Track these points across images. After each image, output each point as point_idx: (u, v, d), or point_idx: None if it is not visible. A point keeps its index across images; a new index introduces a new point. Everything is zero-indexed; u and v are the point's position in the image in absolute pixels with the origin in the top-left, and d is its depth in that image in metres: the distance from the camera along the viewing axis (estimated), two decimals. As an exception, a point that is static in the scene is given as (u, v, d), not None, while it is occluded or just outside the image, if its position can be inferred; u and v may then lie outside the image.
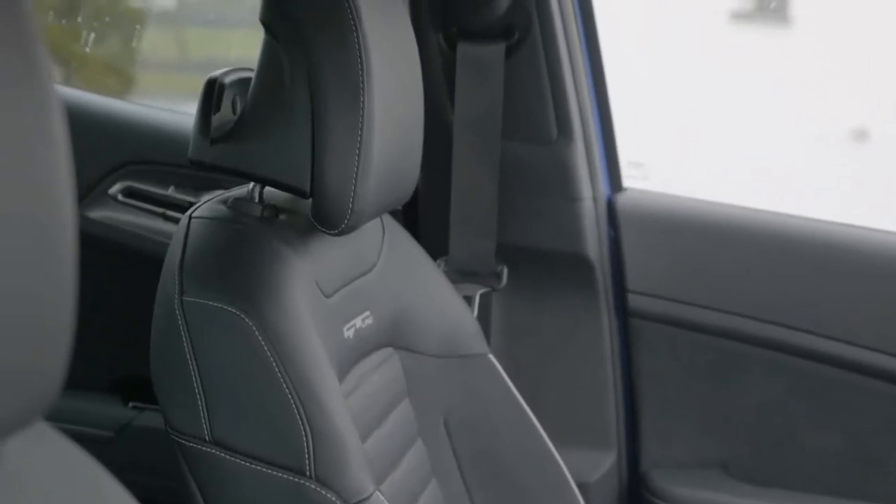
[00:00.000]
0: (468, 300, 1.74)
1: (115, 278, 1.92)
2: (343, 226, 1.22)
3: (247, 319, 1.15)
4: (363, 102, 1.18)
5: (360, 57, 1.18)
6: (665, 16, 2.62)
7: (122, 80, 3.00)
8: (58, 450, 0.63)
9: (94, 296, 1.97)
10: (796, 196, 1.90)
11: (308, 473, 1.14)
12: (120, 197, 1.95)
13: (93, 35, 3.42)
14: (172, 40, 3.15)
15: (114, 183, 1.96)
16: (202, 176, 1.81)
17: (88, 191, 1.95)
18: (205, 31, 3.24)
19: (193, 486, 1.19)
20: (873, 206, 2.01)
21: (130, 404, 1.97)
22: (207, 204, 1.29)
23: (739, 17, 3.00)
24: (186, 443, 1.18)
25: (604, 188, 1.86)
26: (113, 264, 1.94)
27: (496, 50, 1.72)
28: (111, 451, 1.90)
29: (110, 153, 1.96)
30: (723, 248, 1.84)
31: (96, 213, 1.96)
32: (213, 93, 1.27)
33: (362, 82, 1.18)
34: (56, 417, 2.18)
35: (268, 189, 1.30)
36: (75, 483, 0.63)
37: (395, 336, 1.47)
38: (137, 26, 3.76)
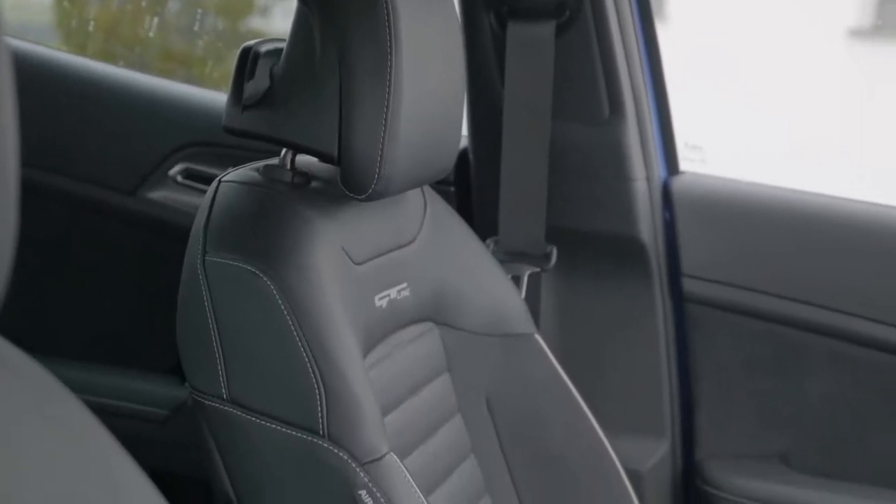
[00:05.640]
0: (516, 280, 1.72)
1: (175, 259, 1.94)
2: (370, 191, 1.21)
3: (265, 278, 1.15)
4: (390, 69, 1.17)
5: (389, 24, 1.16)
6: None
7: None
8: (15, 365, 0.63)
9: (154, 277, 2.00)
10: (865, 186, 1.83)
11: (321, 432, 1.13)
12: (179, 178, 1.97)
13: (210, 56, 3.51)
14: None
15: (174, 164, 1.98)
16: (261, 157, 1.84)
17: (149, 172, 1.98)
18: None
19: (211, 443, 1.19)
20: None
21: (187, 384, 1.99)
22: (239, 170, 1.30)
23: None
24: (205, 401, 1.19)
25: (659, 170, 1.83)
26: (173, 246, 1.97)
27: (546, 28, 1.70)
28: (167, 429, 1.93)
29: (171, 135, 1.98)
30: (782, 233, 1.79)
31: (156, 194, 1.98)
32: (246, 61, 1.27)
33: (390, 49, 1.16)
34: (116, 396, 2.19)
35: (303, 158, 1.30)
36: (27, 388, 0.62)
37: (435, 311, 1.46)
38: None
